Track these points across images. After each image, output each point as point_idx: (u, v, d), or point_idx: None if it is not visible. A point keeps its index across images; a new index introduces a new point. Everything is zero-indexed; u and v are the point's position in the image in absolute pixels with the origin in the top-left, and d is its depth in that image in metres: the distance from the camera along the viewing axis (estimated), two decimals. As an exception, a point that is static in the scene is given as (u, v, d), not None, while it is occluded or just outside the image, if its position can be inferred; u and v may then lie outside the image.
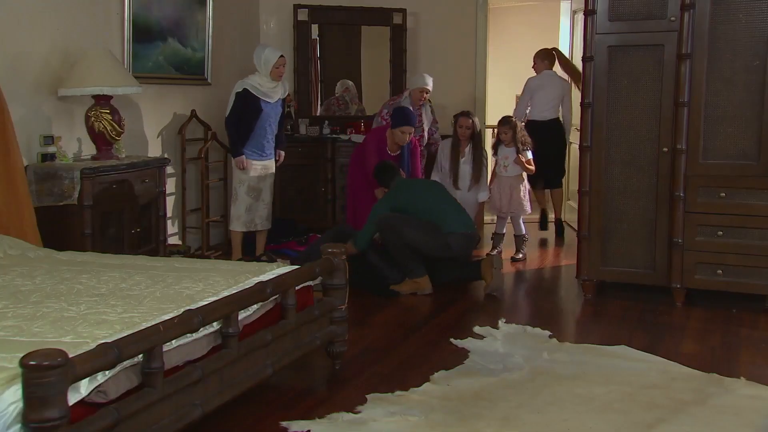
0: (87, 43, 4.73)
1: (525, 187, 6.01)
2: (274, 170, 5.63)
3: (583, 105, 4.79)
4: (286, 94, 5.69)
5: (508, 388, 3.26)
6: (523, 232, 6.04)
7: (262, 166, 5.50)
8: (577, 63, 6.49)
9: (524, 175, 5.99)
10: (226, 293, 2.94)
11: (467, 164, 5.94)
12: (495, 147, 6.09)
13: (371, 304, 4.69)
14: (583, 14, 4.75)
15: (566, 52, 7.49)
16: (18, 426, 1.94)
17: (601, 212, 4.78)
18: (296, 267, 3.43)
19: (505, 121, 6.02)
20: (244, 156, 5.39)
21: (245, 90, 5.34)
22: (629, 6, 4.57)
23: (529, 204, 6.05)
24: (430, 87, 6.16)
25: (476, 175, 5.93)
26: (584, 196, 4.83)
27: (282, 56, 5.41)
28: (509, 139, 5.92)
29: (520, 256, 5.98)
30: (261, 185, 5.53)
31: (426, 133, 6.33)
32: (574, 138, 6.92)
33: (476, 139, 5.94)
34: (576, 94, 6.25)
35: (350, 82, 7.27)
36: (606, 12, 4.62)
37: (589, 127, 4.77)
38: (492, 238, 6.14)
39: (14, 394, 1.97)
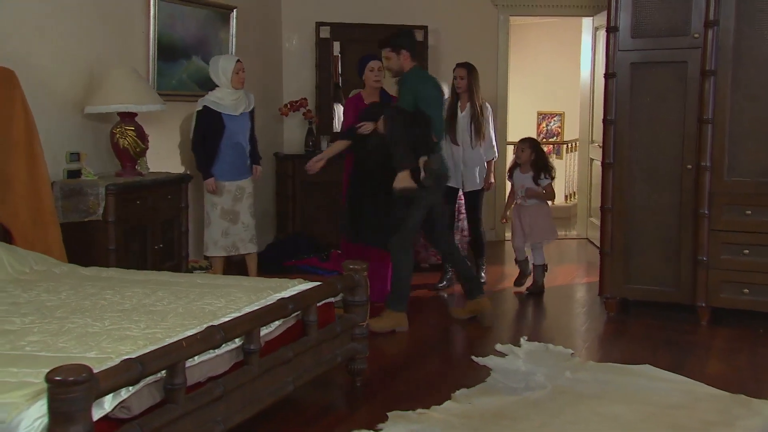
0: (113, 62, 4.80)
1: (549, 212, 5.48)
2: (251, 189, 5.26)
3: (605, 122, 4.77)
4: (252, 106, 5.26)
5: (530, 407, 3.23)
6: (544, 261, 5.47)
7: (236, 186, 5.15)
8: (600, 79, 6.46)
9: (545, 202, 5.45)
10: (247, 309, 2.95)
11: (466, 118, 5.43)
12: (511, 171, 5.54)
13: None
14: (606, 31, 4.75)
15: (588, 69, 7.48)
16: (43, 441, 1.96)
17: (623, 229, 4.74)
18: (318, 284, 3.43)
19: (524, 140, 5.51)
20: (213, 178, 5.06)
21: (205, 107, 5.03)
22: (652, 23, 4.56)
23: (554, 230, 5.52)
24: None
25: (477, 127, 5.39)
26: (606, 213, 4.80)
27: (239, 61, 5.14)
28: (525, 160, 5.36)
29: (526, 286, 5.45)
30: (237, 207, 5.17)
31: None
32: (595, 155, 6.89)
33: (474, 92, 5.39)
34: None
35: None
36: (628, 29, 4.61)
37: (611, 144, 4.74)
38: (517, 263, 5.58)
39: (39, 410, 1.99)
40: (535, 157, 5.32)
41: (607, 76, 4.74)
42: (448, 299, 5.32)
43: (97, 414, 2.07)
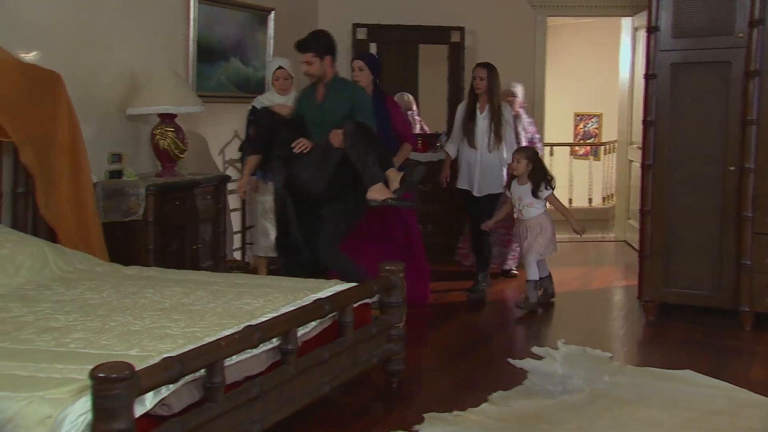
0: (154, 64, 4.88)
1: (549, 225, 5.04)
2: None
3: (645, 123, 4.70)
4: None
5: (568, 411, 3.20)
6: (535, 277, 4.97)
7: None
8: (639, 80, 6.38)
9: (547, 214, 5.04)
10: (285, 309, 2.97)
11: (485, 120, 5.21)
12: (508, 183, 5.15)
13: (429, 323, 4.67)
14: (646, 31, 4.68)
15: (626, 69, 7.39)
16: (87, 437, 2.00)
17: (663, 232, 4.67)
18: (354, 285, 3.44)
19: (518, 150, 5.11)
20: (255, 177, 4.98)
21: (253, 107, 5.12)
22: (694, 23, 4.49)
23: (554, 243, 5.10)
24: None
25: (497, 130, 5.17)
26: (645, 215, 4.74)
27: (281, 68, 5.07)
28: (522, 171, 4.97)
29: (522, 308, 4.94)
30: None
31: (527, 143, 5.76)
32: (634, 156, 6.80)
33: (495, 94, 5.19)
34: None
35: (408, 96, 7.26)
36: (669, 29, 4.54)
37: (651, 146, 4.68)
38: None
39: (83, 406, 2.03)
40: (532, 168, 4.96)
41: (647, 76, 4.68)
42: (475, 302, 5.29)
43: (138, 411, 2.10)
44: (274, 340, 2.72)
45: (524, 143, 5.64)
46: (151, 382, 2.10)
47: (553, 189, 5.05)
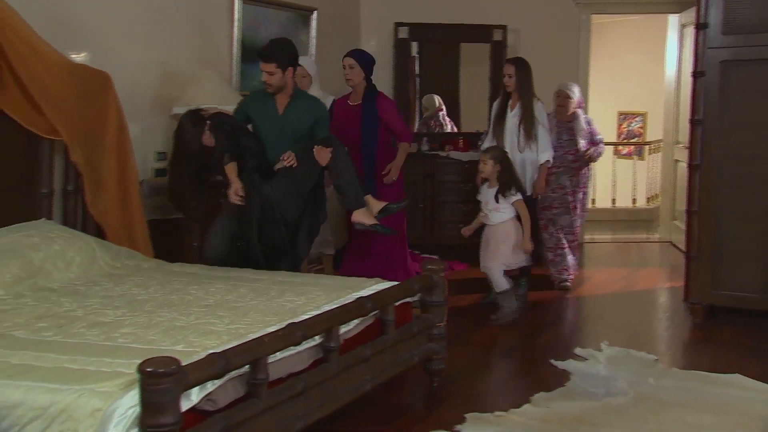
0: (198, 64, 4.94)
1: (515, 236, 4.64)
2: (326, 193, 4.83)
3: (693, 122, 4.61)
4: (327, 108, 4.76)
5: (612, 414, 3.15)
6: (504, 287, 4.61)
7: None
8: (686, 78, 6.26)
9: (515, 221, 4.66)
10: (327, 307, 2.99)
11: (515, 118, 4.98)
12: (479, 185, 4.84)
13: (470, 322, 4.65)
14: (694, 28, 4.59)
15: (673, 67, 7.25)
16: (136, 430, 2.04)
17: (711, 233, 4.58)
18: (395, 283, 3.44)
19: (486, 150, 4.78)
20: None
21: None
22: (745, 19, 4.38)
23: (519, 255, 4.67)
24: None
25: (528, 129, 4.92)
26: (693, 216, 4.65)
27: (299, 66, 4.64)
28: (489, 173, 4.64)
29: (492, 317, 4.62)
30: None
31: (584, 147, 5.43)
32: (680, 156, 6.67)
33: (525, 91, 4.97)
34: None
35: (436, 98, 7.23)
36: (719, 25, 4.44)
37: (698, 145, 4.59)
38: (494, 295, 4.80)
39: (132, 399, 2.07)
40: (501, 170, 4.62)
41: (695, 74, 4.59)
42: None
43: (184, 405, 2.13)
44: (317, 337, 2.74)
45: (582, 145, 5.37)
46: (197, 377, 2.14)
47: (524, 193, 4.71)
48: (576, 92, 5.55)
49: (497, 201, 4.62)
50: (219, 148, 3.95)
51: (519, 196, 4.64)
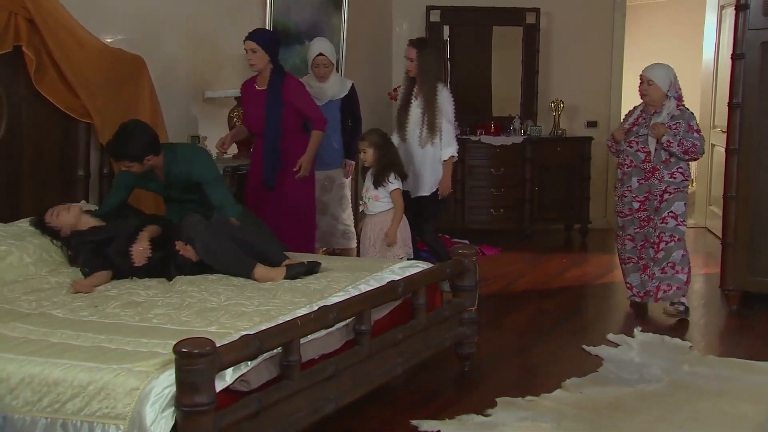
0: (231, 48, 4.95)
1: (389, 223, 4.21)
2: (342, 181, 4.81)
3: (731, 105, 4.52)
4: (344, 93, 4.72)
5: (645, 401, 3.12)
6: None
7: (324, 176, 4.69)
8: (724, 61, 6.12)
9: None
10: (351, 288, 3.03)
11: (418, 108, 4.47)
12: (364, 173, 4.41)
13: (501, 307, 4.63)
14: (734, 9, 4.48)
15: (711, 50, 7.10)
16: (171, 409, 2.06)
17: (748, 219, 4.49)
18: (427, 266, 3.44)
19: (363, 136, 4.31)
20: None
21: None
22: (787, -1, 4.27)
23: (406, 244, 4.26)
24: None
25: (431, 121, 4.41)
26: (729, 201, 4.56)
27: (321, 55, 4.56)
28: (371, 162, 4.23)
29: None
30: (325, 198, 4.74)
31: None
32: (717, 140, 6.55)
33: (429, 77, 4.44)
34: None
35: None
36: (761, 6, 4.33)
37: (737, 130, 4.49)
38: None
39: (168, 379, 2.10)
40: (380, 156, 4.20)
41: (735, 57, 4.48)
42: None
43: (219, 386, 2.15)
44: (348, 320, 2.75)
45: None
46: (231, 358, 2.16)
47: (404, 180, 4.27)
48: (661, 76, 4.48)
49: (376, 188, 4.21)
50: (86, 264, 3.26)
51: (398, 185, 4.20)
